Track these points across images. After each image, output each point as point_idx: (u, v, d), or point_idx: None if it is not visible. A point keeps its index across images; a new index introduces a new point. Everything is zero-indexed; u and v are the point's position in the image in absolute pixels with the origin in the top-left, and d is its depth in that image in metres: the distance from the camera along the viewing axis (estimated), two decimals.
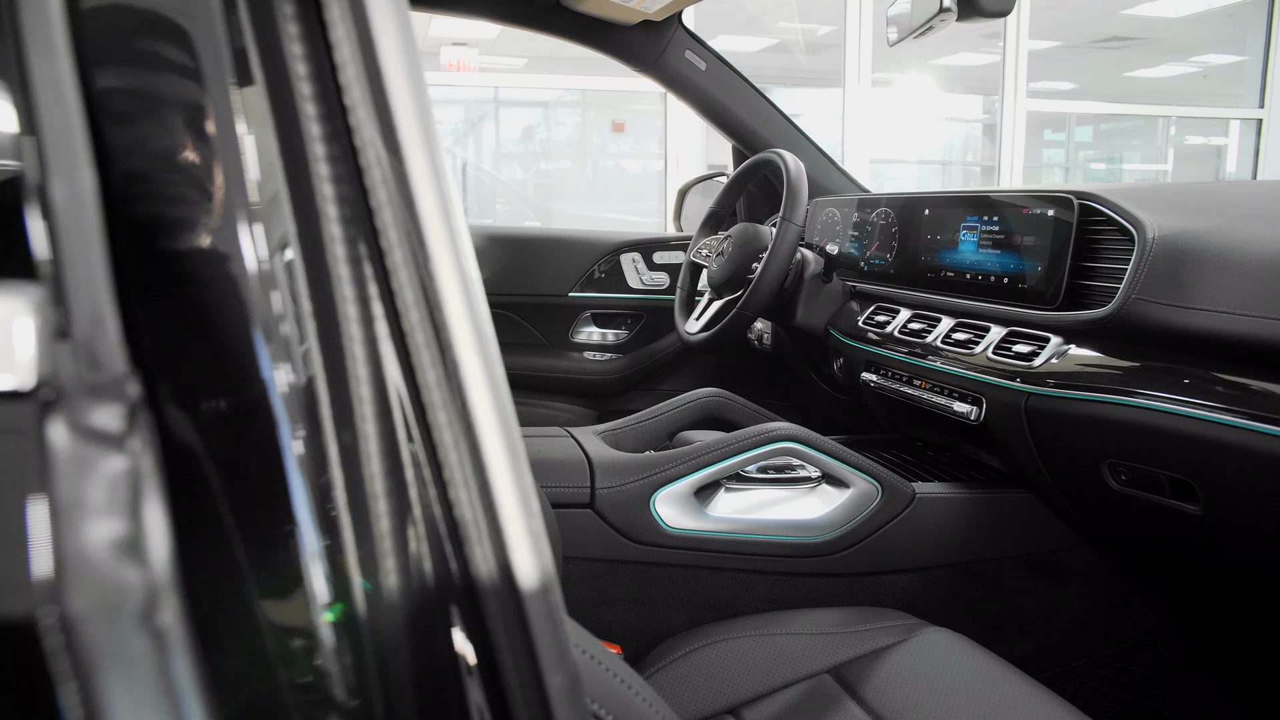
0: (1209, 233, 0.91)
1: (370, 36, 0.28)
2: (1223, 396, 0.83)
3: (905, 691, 0.85)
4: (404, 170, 0.28)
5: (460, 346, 0.29)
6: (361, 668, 0.29)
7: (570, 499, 0.99)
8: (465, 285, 0.29)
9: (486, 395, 0.29)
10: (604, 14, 1.47)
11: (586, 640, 0.46)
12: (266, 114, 0.29)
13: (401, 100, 0.28)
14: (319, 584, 0.27)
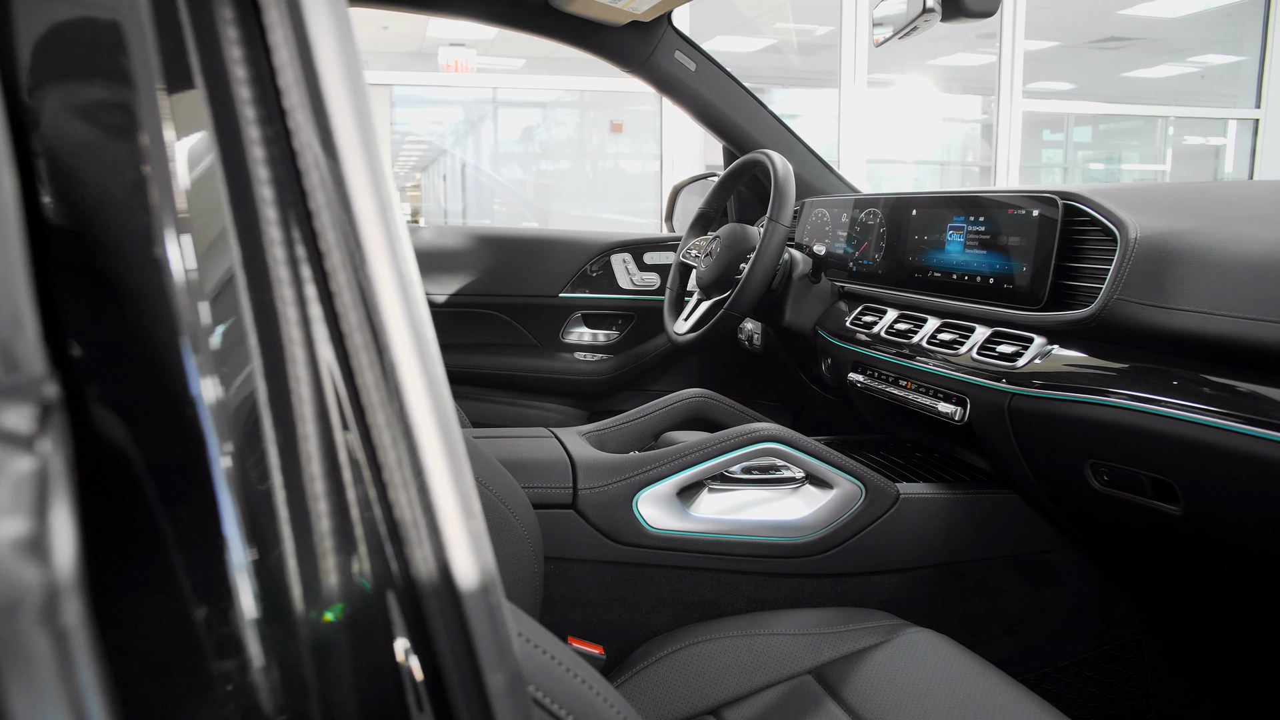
0: (1191, 233, 0.91)
1: (308, 40, 0.28)
2: (1203, 397, 0.84)
3: (886, 692, 0.85)
4: (341, 172, 0.28)
5: (398, 348, 0.29)
6: (299, 670, 0.29)
7: (552, 499, 0.99)
8: (403, 286, 0.29)
9: (424, 396, 0.29)
10: (592, 15, 1.48)
11: (548, 642, 0.46)
12: (206, 117, 0.29)
13: (339, 103, 0.29)
14: (250, 585, 0.27)
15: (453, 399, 1.20)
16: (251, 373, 0.29)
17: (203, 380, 0.27)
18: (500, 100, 6.25)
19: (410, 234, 1.87)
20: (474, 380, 1.82)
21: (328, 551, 0.30)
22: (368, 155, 0.29)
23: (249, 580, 0.27)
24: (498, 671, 0.30)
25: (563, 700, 0.45)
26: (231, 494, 0.27)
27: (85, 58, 0.27)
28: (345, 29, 0.29)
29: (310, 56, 0.28)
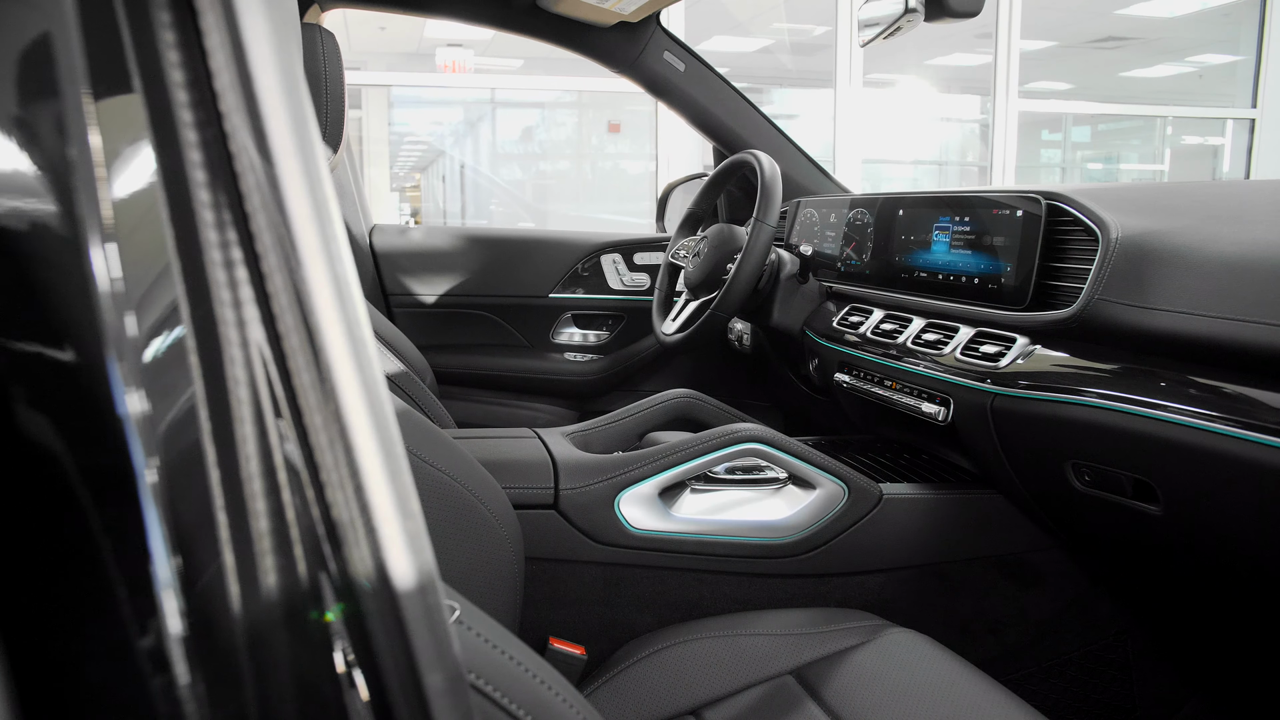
0: (1172, 233, 0.91)
1: (243, 44, 0.29)
2: (1181, 397, 0.84)
3: (865, 692, 0.85)
4: (275, 175, 0.29)
5: (333, 349, 0.29)
6: (236, 668, 0.29)
7: (534, 500, 0.99)
8: (339, 288, 0.29)
9: (360, 397, 0.29)
10: (580, 15, 1.48)
11: (511, 644, 0.46)
12: (143, 120, 0.29)
13: (274, 106, 0.29)
14: (182, 587, 0.27)
15: (442, 399, 1.21)
16: (188, 373, 0.29)
17: (134, 382, 0.27)
18: (498, 100, 6.25)
19: (400, 235, 1.88)
20: (464, 381, 1.83)
21: (266, 552, 0.30)
22: (303, 157, 0.29)
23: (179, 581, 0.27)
24: (435, 671, 0.30)
25: (521, 701, 0.45)
26: (163, 498, 0.27)
27: (9, 63, 0.27)
28: (283, 33, 0.30)
29: (245, 60, 0.29)
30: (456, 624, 0.45)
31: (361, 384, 0.29)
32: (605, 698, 0.90)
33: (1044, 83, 6.80)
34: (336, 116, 1.21)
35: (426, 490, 0.80)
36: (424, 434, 0.83)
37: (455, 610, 0.44)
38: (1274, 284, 0.78)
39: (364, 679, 0.31)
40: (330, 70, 1.20)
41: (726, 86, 1.68)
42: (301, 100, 0.30)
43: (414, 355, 1.47)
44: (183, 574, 0.27)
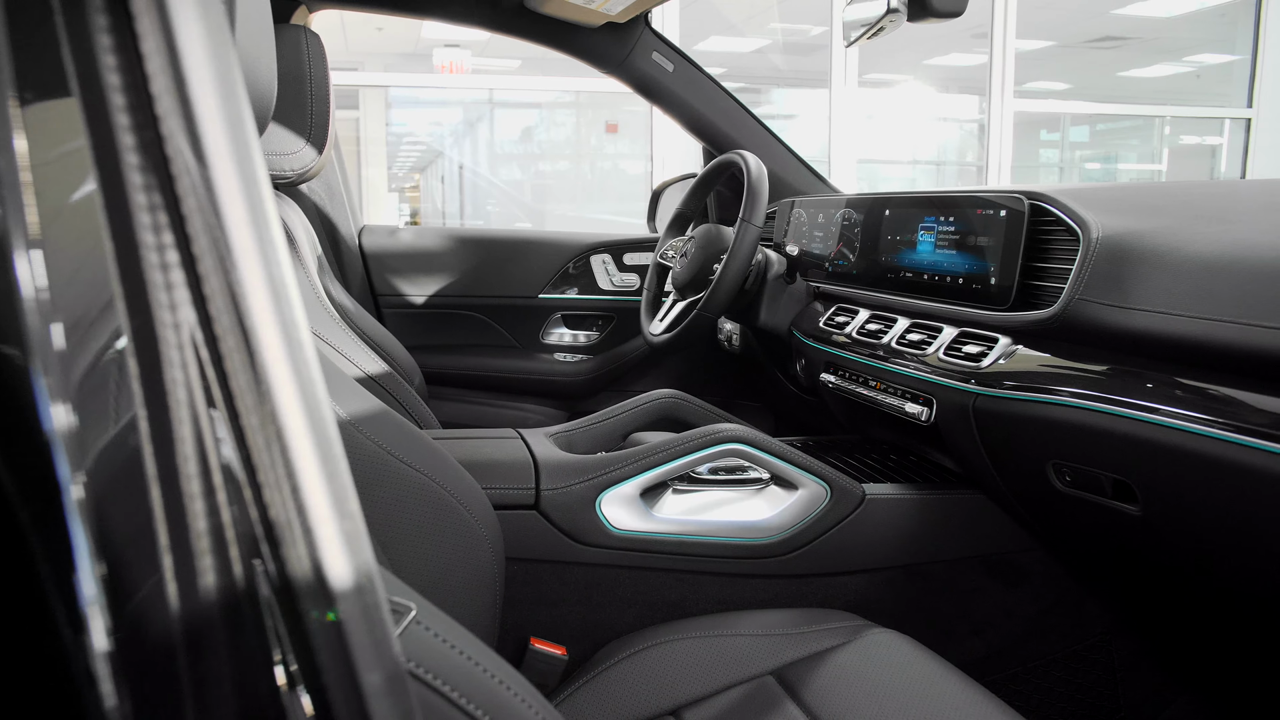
0: (1152, 233, 0.91)
1: (176, 48, 0.29)
2: (1159, 397, 0.84)
3: (844, 693, 0.85)
4: (210, 177, 0.29)
5: (268, 350, 0.29)
6: (173, 668, 0.29)
7: (514, 500, 1.00)
8: (274, 290, 0.29)
9: (296, 398, 0.30)
10: (568, 16, 1.48)
11: (467, 643, 0.47)
12: (81, 124, 0.29)
13: (208, 109, 0.29)
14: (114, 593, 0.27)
15: (431, 400, 1.21)
16: (125, 373, 0.29)
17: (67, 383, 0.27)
18: (496, 101, 6.26)
19: (390, 236, 1.88)
20: (454, 381, 1.83)
21: (204, 552, 0.30)
22: (239, 160, 0.29)
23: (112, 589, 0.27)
24: (374, 671, 0.30)
25: (480, 701, 0.45)
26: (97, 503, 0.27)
27: None
28: (218, 37, 0.30)
29: (179, 64, 0.29)
30: (414, 624, 0.45)
31: (298, 384, 0.30)
32: (585, 698, 0.90)
33: (1042, 83, 6.80)
34: (321, 118, 1.21)
35: (404, 491, 0.81)
36: (402, 435, 0.83)
37: (411, 611, 0.44)
38: (1250, 284, 0.78)
39: (304, 679, 0.31)
40: (315, 72, 1.20)
41: (716, 87, 1.68)
42: (238, 103, 0.30)
43: (402, 356, 1.47)
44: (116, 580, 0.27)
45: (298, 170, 1.21)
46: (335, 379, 0.81)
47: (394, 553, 0.81)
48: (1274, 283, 0.76)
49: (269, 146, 1.18)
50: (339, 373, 0.83)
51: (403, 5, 1.55)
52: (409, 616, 0.44)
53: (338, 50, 5.90)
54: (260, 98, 0.64)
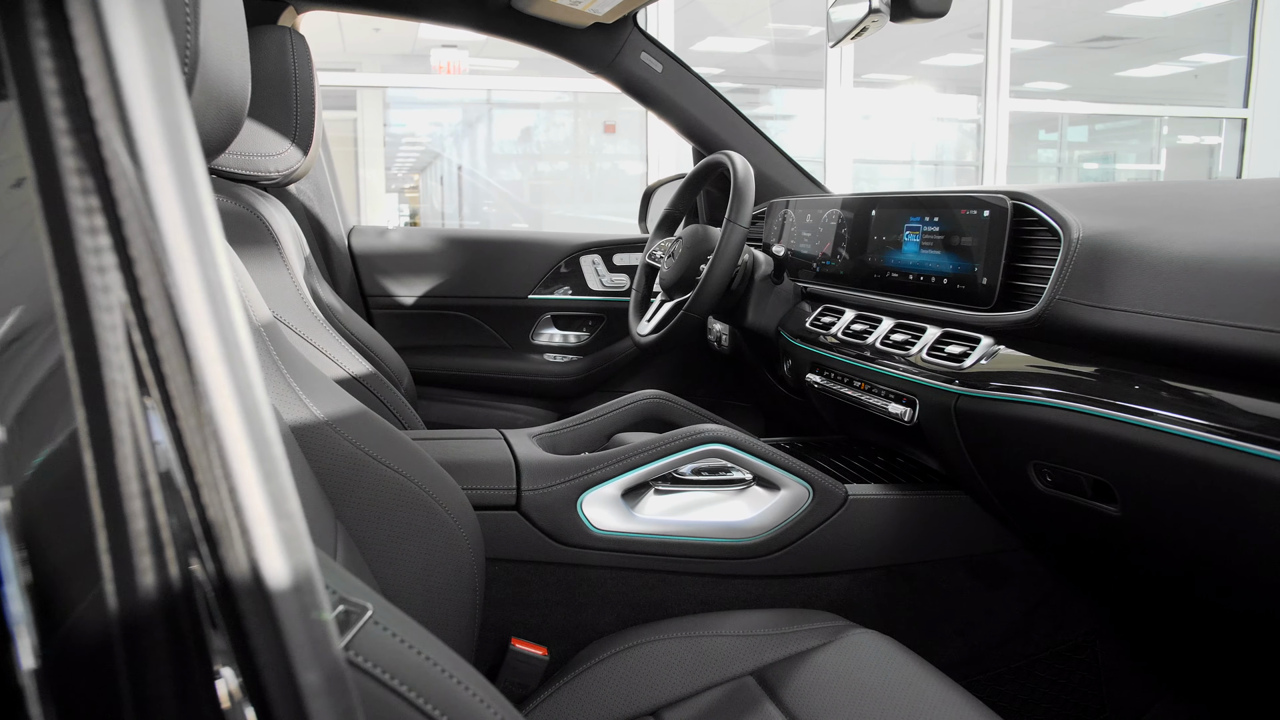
0: (1132, 233, 0.91)
1: (112, 52, 0.29)
2: (1136, 398, 0.84)
3: (823, 693, 0.85)
4: (146, 180, 0.29)
5: (204, 352, 0.29)
6: (111, 665, 0.29)
7: (496, 501, 1.00)
8: (210, 291, 0.30)
9: (232, 399, 0.30)
10: (555, 17, 1.48)
11: (426, 643, 0.47)
12: (19, 127, 0.29)
13: (143, 112, 0.29)
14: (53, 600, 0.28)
15: (421, 400, 1.22)
16: (62, 374, 0.29)
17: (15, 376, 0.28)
18: (494, 102, 6.26)
19: (379, 237, 1.88)
20: (443, 382, 1.83)
21: (144, 552, 0.30)
22: (176, 162, 0.30)
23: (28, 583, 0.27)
24: (311, 670, 0.31)
25: (438, 701, 0.45)
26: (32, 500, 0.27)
27: None
28: (156, 41, 0.30)
29: (115, 68, 0.29)
30: (372, 625, 0.45)
31: (234, 385, 0.30)
32: (566, 698, 0.90)
33: (1041, 83, 6.79)
34: (307, 119, 1.21)
35: (382, 491, 0.81)
36: (380, 435, 0.83)
37: (368, 611, 0.44)
38: (1226, 284, 0.78)
39: (244, 679, 0.31)
40: (300, 73, 1.20)
41: (705, 87, 1.68)
42: (176, 106, 0.30)
43: (391, 357, 1.48)
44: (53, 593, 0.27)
45: (283, 171, 1.21)
46: (314, 380, 0.82)
47: (372, 553, 0.81)
48: (1250, 283, 0.76)
49: (253, 148, 1.18)
50: (318, 374, 0.83)
51: (390, 6, 1.56)
52: (365, 617, 0.44)
53: (335, 51, 5.91)
54: (234, 99, 0.64)
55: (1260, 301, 0.75)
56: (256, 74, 1.18)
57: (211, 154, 0.66)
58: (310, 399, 0.79)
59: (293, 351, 0.82)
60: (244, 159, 1.18)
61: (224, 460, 0.30)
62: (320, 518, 0.72)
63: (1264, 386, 0.74)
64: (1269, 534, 0.74)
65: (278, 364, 0.77)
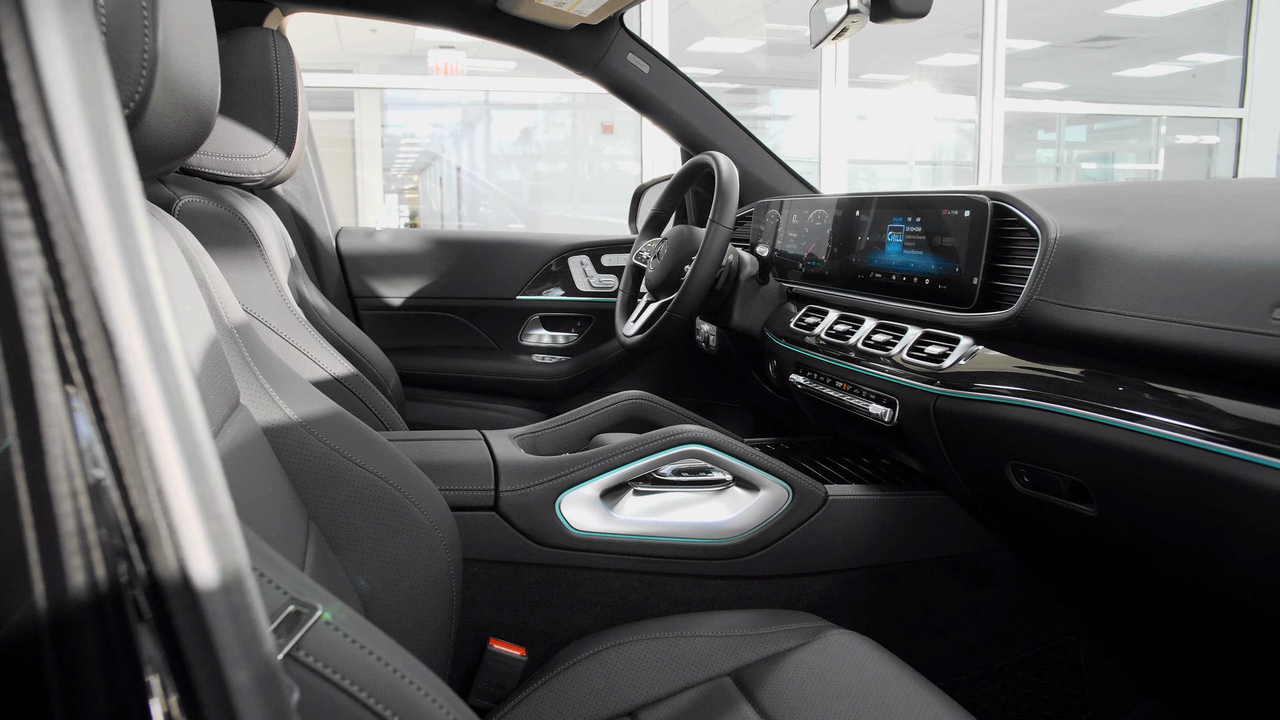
0: (1109, 233, 0.91)
1: (36, 57, 0.29)
2: (1112, 399, 0.84)
3: (799, 694, 0.85)
4: (72, 185, 0.29)
5: (130, 354, 0.30)
6: (40, 665, 0.30)
7: (473, 501, 1.00)
8: (138, 294, 0.30)
9: (160, 402, 0.30)
10: (540, 18, 1.48)
11: (379, 644, 0.47)
12: None
13: (67, 116, 0.29)
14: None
15: (409, 401, 1.22)
16: None
17: None
18: (492, 103, 6.27)
19: (367, 238, 1.88)
20: (431, 383, 1.83)
21: (74, 551, 0.31)
22: (102, 167, 0.30)
23: None
24: (240, 669, 0.31)
25: (389, 702, 0.45)
26: None
27: None
28: (83, 46, 0.30)
29: (39, 73, 0.29)
30: (323, 626, 0.45)
31: (162, 388, 0.30)
32: (543, 699, 0.90)
33: (1039, 83, 6.79)
34: (290, 121, 1.22)
35: (355, 491, 0.81)
36: (355, 436, 0.83)
37: (317, 611, 0.44)
38: (1199, 284, 0.78)
39: (174, 678, 0.31)
40: (283, 74, 1.21)
41: (692, 88, 1.68)
42: (104, 110, 0.30)
43: (378, 358, 1.48)
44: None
45: (266, 173, 1.21)
46: (289, 381, 0.82)
47: (347, 553, 0.81)
48: (1222, 283, 0.76)
49: (236, 149, 1.18)
50: (293, 375, 0.84)
51: (376, 8, 1.56)
52: (315, 617, 0.44)
53: (332, 52, 5.91)
54: (202, 101, 0.64)
55: (1231, 301, 0.75)
56: (239, 76, 1.19)
57: (180, 156, 0.67)
58: (284, 399, 0.79)
59: (268, 352, 0.82)
60: (226, 160, 1.18)
61: (151, 461, 0.30)
62: (290, 518, 0.73)
63: (1237, 387, 0.74)
64: (1241, 534, 0.74)
65: (250, 365, 0.78)
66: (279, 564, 0.47)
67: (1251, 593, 0.78)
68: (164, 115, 0.57)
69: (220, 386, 0.69)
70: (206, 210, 1.12)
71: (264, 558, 0.46)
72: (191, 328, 0.65)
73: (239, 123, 1.18)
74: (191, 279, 0.72)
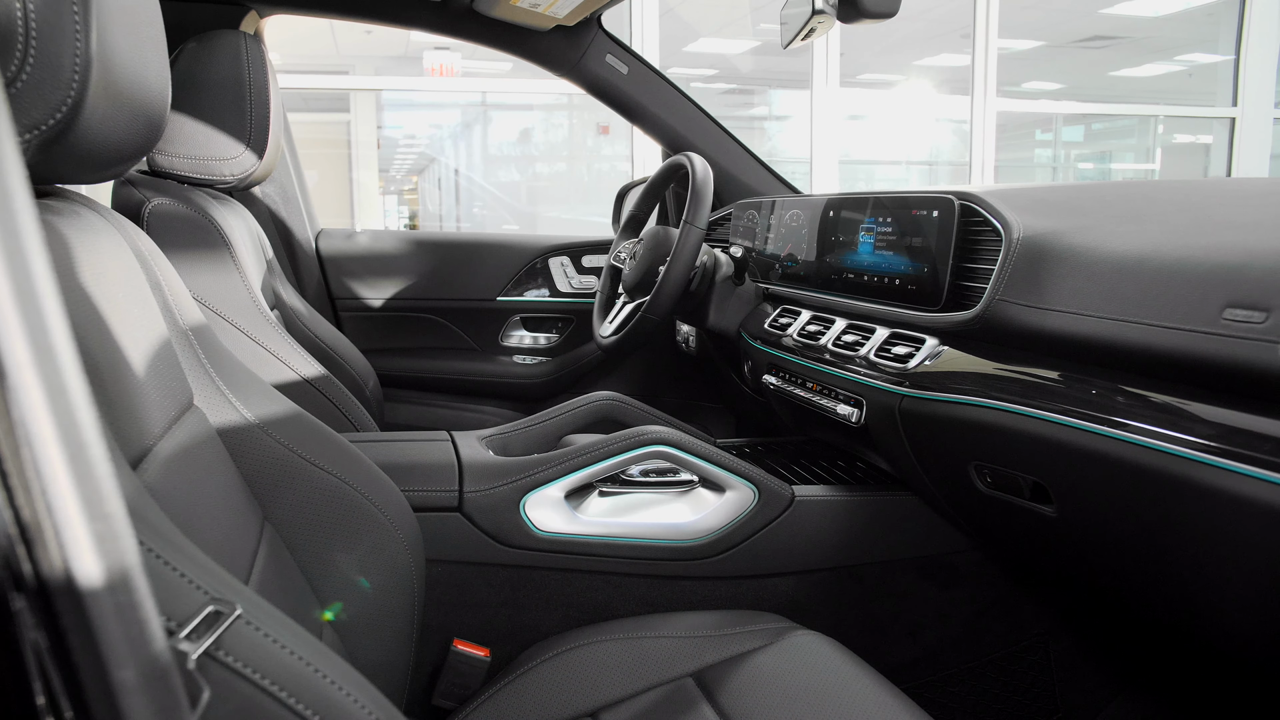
0: (1070, 233, 0.91)
1: None
2: (1070, 399, 0.84)
3: (758, 695, 0.85)
4: None
5: (10, 357, 0.30)
6: None
7: (436, 502, 1.00)
8: (21, 298, 0.30)
9: (43, 402, 0.30)
10: (517, 20, 1.49)
11: (300, 643, 0.47)
12: None
13: None
14: None
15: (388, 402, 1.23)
16: None
17: None
18: (489, 104, 6.27)
19: (346, 240, 1.89)
20: (412, 384, 1.84)
21: None
22: None
23: None
24: (126, 668, 0.31)
25: (309, 700, 0.46)
26: None
27: None
28: None
29: None
30: (243, 625, 0.45)
31: (45, 389, 0.30)
32: (506, 699, 0.90)
33: (1037, 83, 6.78)
34: (261, 123, 1.22)
35: (312, 492, 0.81)
36: (313, 437, 0.84)
37: (236, 611, 0.44)
38: (1154, 284, 0.78)
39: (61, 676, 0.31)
40: (255, 77, 1.21)
41: (671, 89, 1.69)
42: None
43: (356, 359, 1.48)
44: None
45: (238, 175, 1.21)
46: (247, 383, 0.82)
47: (304, 555, 0.82)
48: (1177, 283, 0.76)
49: (207, 151, 1.19)
50: (253, 377, 0.84)
51: (352, 10, 1.56)
52: (233, 615, 0.44)
53: (328, 53, 5.92)
54: (150, 104, 0.65)
55: (1184, 302, 0.75)
56: (210, 79, 1.19)
57: (129, 159, 0.67)
58: (240, 401, 0.79)
59: (226, 354, 0.82)
60: (198, 163, 1.18)
61: (35, 463, 0.30)
62: (242, 519, 0.73)
63: (1193, 389, 0.74)
64: (1195, 536, 0.74)
65: (206, 367, 0.78)
66: (202, 564, 0.47)
67: (1207, 594, 0.78)
68: (106, 119, 0.58)
69: (169, 388, 0.69)
70: (176, 213, 1.12)
71: (186, 557, 0.46)
72: (139, 330, 0.66)
73: (210, 125, 1.18)
74: (144, 282, 0.72)
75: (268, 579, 0.73)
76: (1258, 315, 0.70)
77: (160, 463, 0.62)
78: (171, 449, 0.66)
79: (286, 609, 0.76)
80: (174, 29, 1.49)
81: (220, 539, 0.66)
